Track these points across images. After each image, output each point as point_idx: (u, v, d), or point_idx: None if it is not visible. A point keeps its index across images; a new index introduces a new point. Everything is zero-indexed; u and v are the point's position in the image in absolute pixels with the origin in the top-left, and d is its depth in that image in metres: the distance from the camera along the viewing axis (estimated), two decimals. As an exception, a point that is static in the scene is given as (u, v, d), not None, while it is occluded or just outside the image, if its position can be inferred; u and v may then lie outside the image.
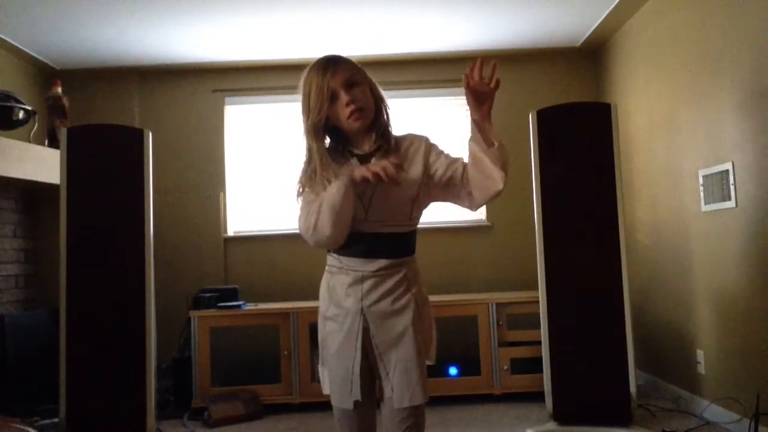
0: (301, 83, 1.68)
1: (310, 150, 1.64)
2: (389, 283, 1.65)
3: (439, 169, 1.70)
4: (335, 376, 1.64)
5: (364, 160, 1.67)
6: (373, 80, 1.76)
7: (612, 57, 4.17)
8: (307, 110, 1.63)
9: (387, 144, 1.69)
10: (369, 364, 1.64)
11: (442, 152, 1.76)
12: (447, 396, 3.55)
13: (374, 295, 1.63)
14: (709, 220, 3.01)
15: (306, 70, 1.69)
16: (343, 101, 1.63)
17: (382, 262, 1.65)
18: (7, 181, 3.50)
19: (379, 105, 1.73)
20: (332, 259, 1.72)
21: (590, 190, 2.94)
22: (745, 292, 2.75)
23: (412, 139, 1.77)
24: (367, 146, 1.69)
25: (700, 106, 3.06)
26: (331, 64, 1.67)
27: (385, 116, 1.75)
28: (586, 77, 4.41)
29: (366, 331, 1.62)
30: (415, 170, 1.69)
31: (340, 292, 1.66)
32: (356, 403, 1.61)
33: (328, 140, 1.70)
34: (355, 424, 1.64)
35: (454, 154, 1.78)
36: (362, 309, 1.62)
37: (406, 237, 1.77)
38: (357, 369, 1.60)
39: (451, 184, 1.70)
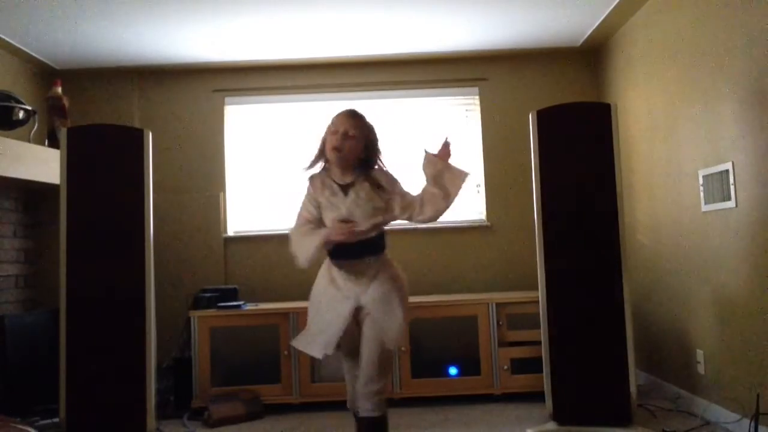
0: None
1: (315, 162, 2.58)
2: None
3: (396, 208, 2.53)
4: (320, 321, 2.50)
5: (344, 188, 2.48)
6: (376, 143, 2.53)
7: (612, 57, 4.17)
8: (323, 139, 2.53)
9: (367, 177, 2.49)
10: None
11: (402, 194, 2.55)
12: (447, 396, 3.55)
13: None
14: (709, 220, 3.01)
15: (337, 113, 2.53)
16: (335, 140, 2.43)
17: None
18: (7, 181, 3.50)
19: (369, 158, 2.50)
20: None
21: (590, 190, 2.94)
22: (745, 292, 2.75)
23: (378, 173, 2.54)
24: (348, 178, 2.49)
25: (700, 106, 3.06)
26: (348, 117, 2.49)
27: (374, 164, 2.52)
28: (586, 77, 4.41)
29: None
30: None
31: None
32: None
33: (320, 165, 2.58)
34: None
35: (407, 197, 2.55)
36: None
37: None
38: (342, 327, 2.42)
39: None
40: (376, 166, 2.52)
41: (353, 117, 2.48)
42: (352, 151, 2.44)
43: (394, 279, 2.48)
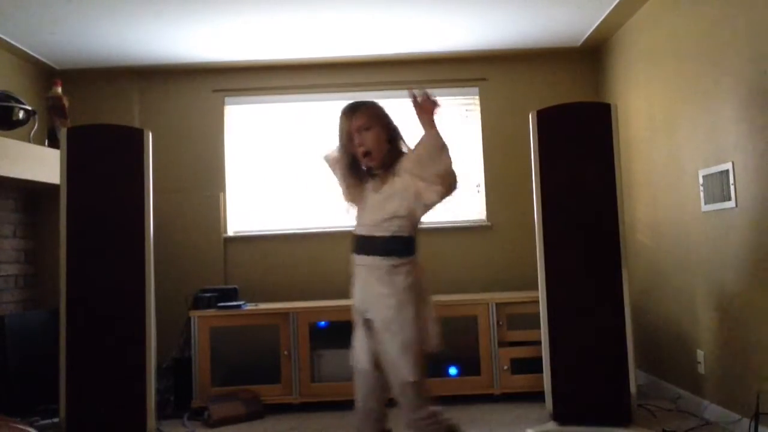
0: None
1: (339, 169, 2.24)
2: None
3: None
4: None
5: (374, 177, 2.18)
6: (390, 118, 2.19)
7: (612, 57, 4.17)
8: (340, 141, 2.19)
9: (391, 171, 2.15)
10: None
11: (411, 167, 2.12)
12: (447, 396, 3.54)
13: None
14: (709, 220, 3.01)
15: (341, 111, 2.19)
16: (356, 143, 2.12)
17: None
18: (7, 181, 3.50)
19: (393, 143, 2.16)
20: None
21: (590, 190, 2.94)
22: (745, 292, 2.75)
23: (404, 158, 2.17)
24: (378, 170, 2.18)
25: (700, 106, 3.06)
26: (351, 111, 2.15)
27: (400, 148, 2.17)
28: (586, 77, 4.41)
29: None
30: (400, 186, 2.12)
31: None
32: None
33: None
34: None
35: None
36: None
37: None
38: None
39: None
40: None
41: (363, 107, 2.17)
42: (378, 145, 2.13)
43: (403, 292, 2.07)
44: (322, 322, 3.67)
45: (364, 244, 2.13)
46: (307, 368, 3.56)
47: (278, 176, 4.34)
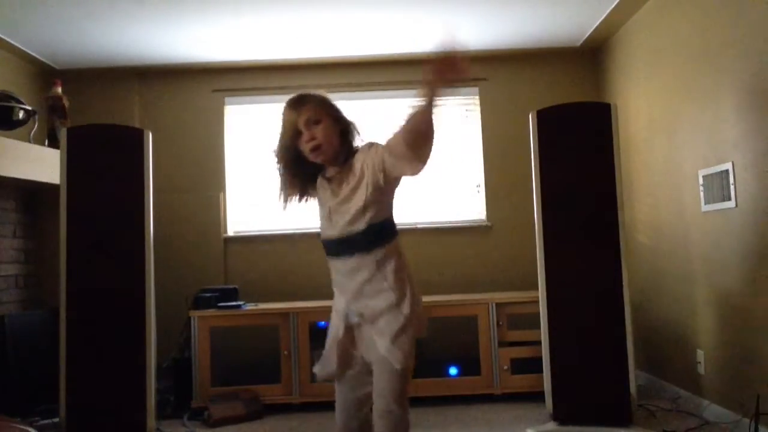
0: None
1: (279, 171, 2.06)
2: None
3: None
4: None
5: (330, 181, 1.95)
6: (340, 111, 1.95)
7: (612, 57, 4.17)
8: (279, 140, 2.01)
9: (346, 168, 1.92)
10: None
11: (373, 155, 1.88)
12: (447, 396, 3.55)
13: None
14: (709, 220, 3.00)
15: (285, 105, 1.97)
16: (304, 138, 1.90)
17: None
18: (7, 181, 3.50)
19: (344, 137, 1.94)
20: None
21: (590, 190, 2.94)
22: (745, 292, 2.75)
23: (360, 150, 1.94)
24: (331, 172, 1.96)
25: (700, 106, 3.06)
26: (298, 103, 1.93)
27: (352, 143, 1.95)
28: (586, 77, 4.41)
29: None
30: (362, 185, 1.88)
31: None
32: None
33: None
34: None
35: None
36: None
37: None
38: None
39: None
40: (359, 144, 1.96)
41: (311, 99, 1.94)
42: (329, 138, 1.90)
43: (392, 290, 1.89)
44: (322, 322, 3.66)
45: (341, 245, 1.89)
46: (307, 368, 3.55)
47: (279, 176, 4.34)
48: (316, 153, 1.90)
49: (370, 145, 1.90)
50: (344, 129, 1.94)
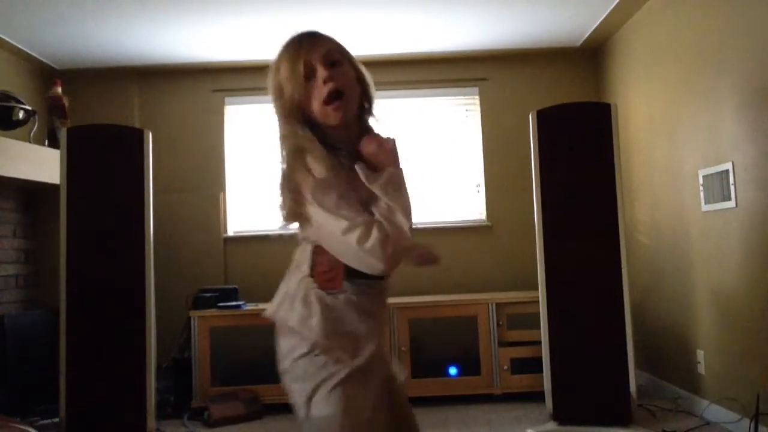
0: (272, 65, 1.39)
1: (293, 139, 1.38)
2: None
3: None
4: None
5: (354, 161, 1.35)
6: (358, 62, 1.40)
7: (612, 57, 4.17)
8: (278, 91, 1.36)
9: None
10: None
11: None
12: (447, 396, 3.55)
13: None
14: (709, 220, 3.00)
15: (278, 51, 1.39)
16: (320, 79, 1.30)
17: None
18: (7, 181, 3.50)
19: (363, 92, 1.40)
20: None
21: (590, 190, 2.94)
22: (745, 292, 2.75)
23: None
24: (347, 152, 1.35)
25: (700, 106, 3.06)
26: (308, 37, 1.37)
27: (367, 117, 1.45)
28: (586, 77, 4.41)
29: None
30: None
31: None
32: None
33: None
34: None
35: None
36: None
37: None
38: None
39: None
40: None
41: (325, 35, 1.39)
42: (352, 88, 1.36)
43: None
44: (322, 322, 3.66)
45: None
46: (307, 368, 3.55)
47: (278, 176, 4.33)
48: (337, 106, 1.30)
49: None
50: (363, 86, 1.40)
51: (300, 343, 1.39)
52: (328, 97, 1.30)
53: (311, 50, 1.33)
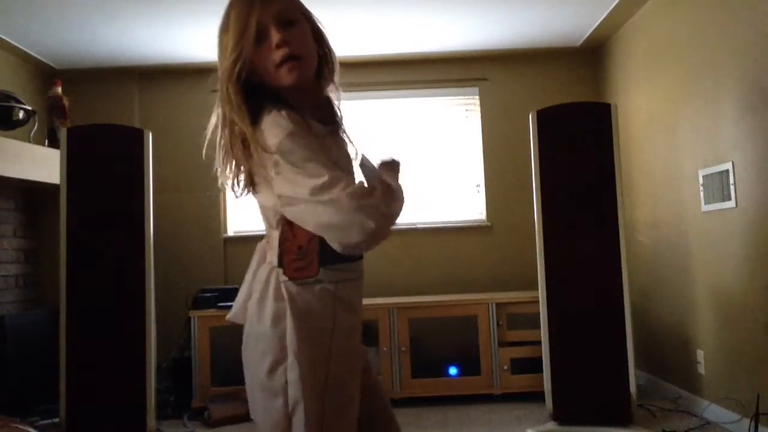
0: (219, 21, 1.25)
1: (230, 105, 1.29)
2: None
3: None
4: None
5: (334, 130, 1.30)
6: (318, 21, 1.32)
7: (612, 57, 4.17)
8: (224, 51, 1.23)
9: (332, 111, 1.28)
10: None
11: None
12: (447, 396, 3.55)
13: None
14: (709, 220, 3.00)
15: (227, 5, 1.24)
16: (273, 41, 1.19)
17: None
18: (7, 181, 3.50)
19: (323, 55, 1.31)
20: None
21: (590, 190, 2.94)
22: (745, 292, 2.75)
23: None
24: (323, 112, 1.28)
25: (700, 106, 3.06)
26: None
27: (327, 76, 1.34)
28: (586, 77, 4.41)
29: None
30: None
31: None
32: None
33: None
34: None
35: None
36: None
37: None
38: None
39: None
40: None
41: None
42: (308, 48, 1.26)
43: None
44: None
45: None
46: (307, 368, 3.55)
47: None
48: (291, 66, 1.20)
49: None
50: (322, 48, 1.31)
51: (271, 351, 1.24)
52: (281, 62, 1.20)
53: (264, 8, 1.19)
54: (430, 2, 3.50)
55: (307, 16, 1.28)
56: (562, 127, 3.00)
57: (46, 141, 3.72)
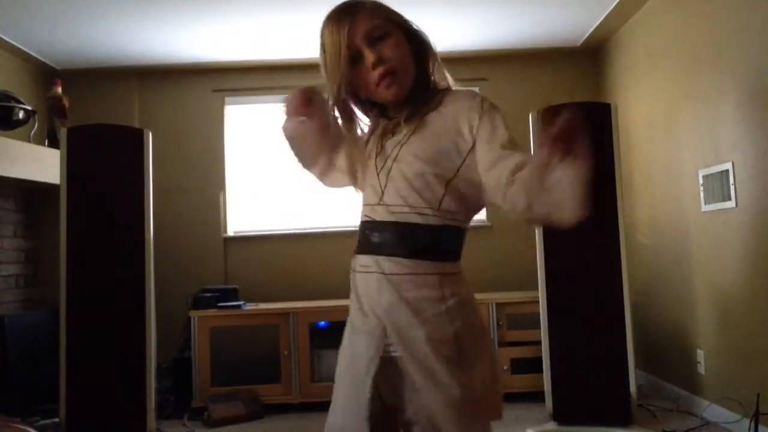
0: (318, 38, 1.29)
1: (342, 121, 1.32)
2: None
3: (480, 160, 1.23)
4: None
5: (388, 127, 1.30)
6: (412, 23, 1.35)
7: (612, 57, 4.17)
8: (325, 71, 1.29)
9: (424, 106, 1.27)
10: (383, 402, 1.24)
11: (497, 136, 1.24)
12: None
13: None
14: (709, 220, 3.00)
15: (324, 21, 1.28)
16: (368, 62, 1.22)
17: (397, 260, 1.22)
18: (7, 181, 3.50)
19: (420, 63, 1.31)
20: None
21: (590, 190, 2.94)
22: (745, 292, 2.75)
23: (461, 96, 1.32)
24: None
25: (700, 106, 3.06)
26: (348, 12, 1.24)
27: (430, 74, 1.34)
28: (586, 77, 4.41)
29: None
30: (446, 139, 1.24)
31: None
32: None
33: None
34: None
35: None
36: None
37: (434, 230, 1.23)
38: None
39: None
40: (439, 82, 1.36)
41: (354, 9, 1.26)
42: (404, 59, 1.28)
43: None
44: (322, 322, 3.66)
45: (387, 235, 1.23)
46: (306, 368, 3.55)
47: (278, 176, 4.34)
48: (388, 83, 1.23)
49: (479, 100, 1.31)
50: (420, 50, 1.33)
51: None
52: (380, 80, 1.23)
53: (353, 30, 1.22)
54: (430, 3, 3.50)
55: (397, 23, 1.30)
56: (562, 127, 3.00)
57: (46, 141, 3.72)
